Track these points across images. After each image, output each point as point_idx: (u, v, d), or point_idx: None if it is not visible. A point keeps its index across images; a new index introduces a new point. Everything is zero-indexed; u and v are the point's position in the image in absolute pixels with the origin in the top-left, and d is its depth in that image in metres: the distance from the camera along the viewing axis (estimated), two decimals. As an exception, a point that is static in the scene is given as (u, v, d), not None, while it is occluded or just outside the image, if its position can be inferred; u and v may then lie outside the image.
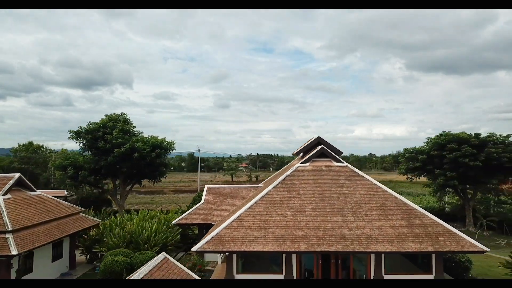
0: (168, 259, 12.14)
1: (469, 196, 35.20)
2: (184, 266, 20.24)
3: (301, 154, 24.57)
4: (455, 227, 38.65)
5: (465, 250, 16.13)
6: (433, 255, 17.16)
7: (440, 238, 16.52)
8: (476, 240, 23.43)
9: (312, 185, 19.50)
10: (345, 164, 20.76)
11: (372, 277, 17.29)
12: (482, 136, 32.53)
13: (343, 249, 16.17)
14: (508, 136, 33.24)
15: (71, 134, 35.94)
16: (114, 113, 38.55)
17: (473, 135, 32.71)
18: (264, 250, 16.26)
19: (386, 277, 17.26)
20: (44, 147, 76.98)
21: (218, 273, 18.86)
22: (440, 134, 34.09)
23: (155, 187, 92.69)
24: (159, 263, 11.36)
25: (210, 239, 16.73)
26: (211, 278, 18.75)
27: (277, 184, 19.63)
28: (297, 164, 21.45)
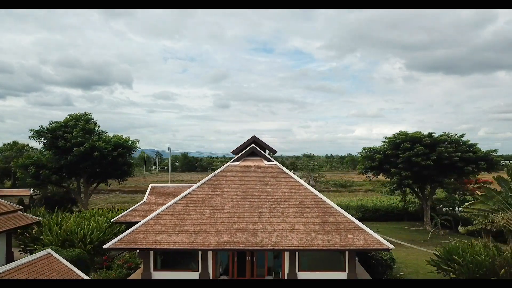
0: (52, 255, 12.36)
1: (427, 195, 35.42)
2: (115, 263, 20.60)
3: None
4: (416, 226, 38.88)
5: (371, 248, 16.36)
6: (346, 253, 17.41)
7: (349, 236, 16.76)
8: (429, 239, 23.87)
9: (238, 184, 19.76)
10: (274, 162, 21.01)
11: (286, 275, 17.54)
12: (435, 135, 32.73)
13: (252, 246, 16.43)
14: (462, 135, 33.47)
15: (32, 133, 36.19)
16: (78, 113, 38.83)
17: (426, 134, 32.93)
18: (174, 247, 16.53)
19: (300, 274, 17.52)
20: (30, 146, 77.25)
21: (140, 270, 19.08)
22: (396, 134, 34.33)
23: (140, 186, 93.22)
24: (35, 258, 11.60)
25: (123, 237, 17.00)
26: (132, 275, 18.99)
27: (203, 183, 19.89)
28: (228, 163, 21.71)
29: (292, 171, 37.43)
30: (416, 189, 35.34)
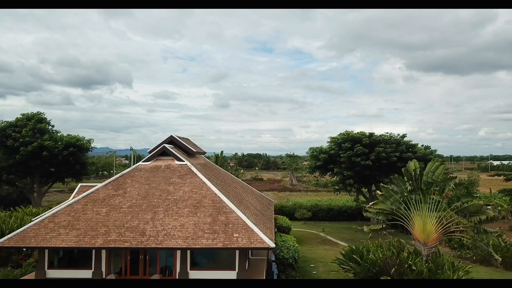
0: None
1: (373, 195, 35.57)
2: (26, 262, 20.82)
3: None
4: (363, 225, 38.98)
5: (252, 246, 16.54)
6: (237, 252, 17.63)
7: (235, 235, 16.95)
8: (369, 238, 24.10)
9: (142, 183, 19.96)
10: (185, 162, 21.20)
11: (177, 273, 17.76)
12: (376, 135, 32.88)
13: (136, 245, 16.63)
14: (403, 136, 33.61)
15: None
16: (32, 112, 39.08)
17: (368, 134, 33.10)
18: (60, 246, 16.74)
19: (191, 272, 17.76)
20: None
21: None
22: (340, 133, 34.51)
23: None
24: None
25: (14, 235, 17.23)
26: (27, 275, 19.24)
27: (108, 182, 20.11)
28: (139, 163, 21.92)
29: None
30: (363, 188, 35.51)
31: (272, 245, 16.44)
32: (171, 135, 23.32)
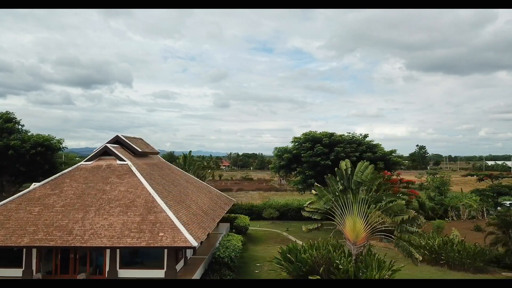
0: None
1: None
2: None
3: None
4: (331, 225, 39.06)
5: (175, 245, 16.68)
6: (165, 251, 17.78)
7: (160, 234, 17.09)
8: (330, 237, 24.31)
9: (80, 183, 20.11)
10: (126, 162, 21.33)
11: (107, 271, 17.91)
12: (336, 135, 32.96)
13: (62, 244, 16.78)
14: (365, 136, 33.72)
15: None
16: (0, 112, 39.24)
17: (328, 134, 33.21)
18: (-14, 244, 16.89)
19: (121, 271, 17.91)
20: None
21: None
22: (303, 133, 34.62)
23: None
24: None
25: None
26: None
27: (47, 182, 20.24)
28: (81, 162, 22.05)
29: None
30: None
31: (195, 244, 16.57)
32: (117, 135, 23.46)
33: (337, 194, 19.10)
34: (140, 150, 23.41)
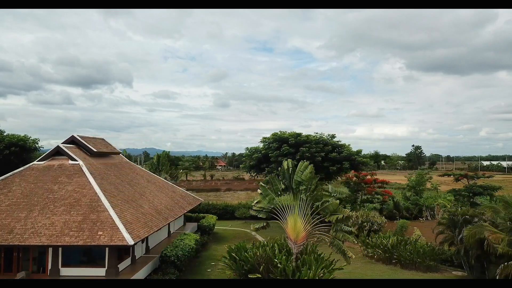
0: None
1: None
2: None
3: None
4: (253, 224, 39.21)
5: (111, 244, 16.91)
6: (107, 249, 18.01)
7: (99, 233, 17.33)
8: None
9: (30, 183, 20.34)
10: (78, 162, 21.56)
11: (49, 269, 18.15)
12: (302, 135, 33.14)
13: (0, 243, 17.02)
14: (333, 136, 33.92)
15: None
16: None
17: (296, 133, 33.40)
18: None
19: (63, 269, 18.14)
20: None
21: None
22: (273, 133, 34.82)
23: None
24: None
25: None
26: None
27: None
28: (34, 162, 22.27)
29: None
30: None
31: (131, 242, 16.80)
32: (73, 135, 23.70)
33: (279, 193, 19.30)
34: (95, 150, 23.62)
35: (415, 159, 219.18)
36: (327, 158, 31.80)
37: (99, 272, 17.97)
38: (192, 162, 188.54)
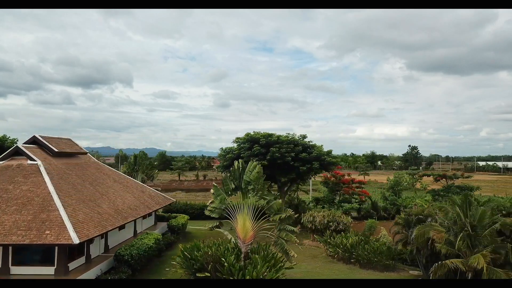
0: None
1: (278, 194, 36.10)
2: None
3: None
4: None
5: (56, 243, 17.14)
6: (56, 248, 18.22)
7: (46, 232, 17.55)
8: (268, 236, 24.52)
9: (-14, 182, 20.56)
10: (36, 162, 21.76)
11: (-1, 268, 18.37)
12: (273, 136, 33.28)
13: (-51, 242, 17.25)
14: (304, 136, 34.10)
15: None
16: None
17: (268, 134, 33.58)
18: None
19: (13, 268, 18.37)
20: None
21: None
22: (246, 133, 34.98)
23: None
24: None
25: None
26: None
27: (-47, 181, 20.69)
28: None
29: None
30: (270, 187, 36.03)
31: (77, 241, 17.02)
32: (34, 135, 23.93)
33: (229, 193, 19.50)
34: (56, 150, 23.83)
35: (411, 159, 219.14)
36: (298, 158, 31.96)
37: (48, 271, 18.18)
38: (187, 162, 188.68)
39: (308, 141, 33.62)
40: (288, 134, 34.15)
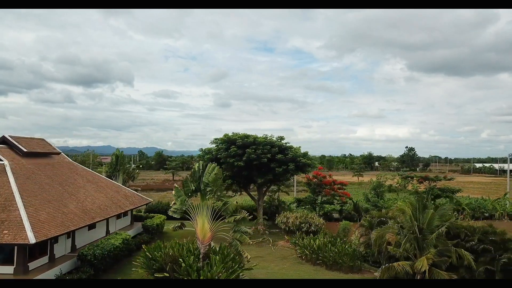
0: None
1: (257, 197, 36.31)
2: None
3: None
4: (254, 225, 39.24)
5: (14, 243, 17.38)
6: (16, 247, 18.43)
7: (4, 231, 17.76)
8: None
9: (-49, 182, 20.76)
10: (2, 162, 21.92)
11: (-40, 268, 18.56)
12: (250, 137, 33.42)
13: None
14: (281, 138, 34.31)
15: None
16: None
17: (245, 135, 33.75)
18: None
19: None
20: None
21: None
22: (225, 134, 35.15)
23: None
24: None
25: None
26: None
27: None
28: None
29: None
30: (251, 187, 36.22)
31: (33, 241, 17.22)
32: (3, 135, 24.13)
33: (189, 194, 19.69)
34: (26, 150, 24.02)
35: (408, 160, 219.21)
36: (274, 159, 32.15)
37: (7, 270, 18.38)
38: (182, 162, 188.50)
39: (285, 143, 33.80)
40: (266, 135, 34.33)
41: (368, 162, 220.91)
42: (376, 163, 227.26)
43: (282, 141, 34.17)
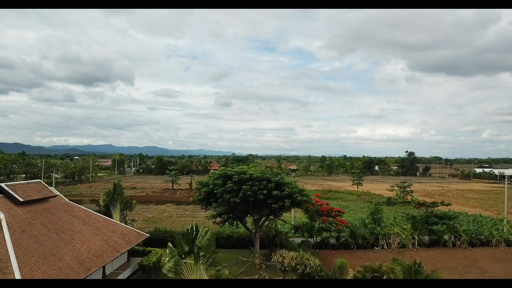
0: None
1: (253, 229, 36.46)
2: None
3: None
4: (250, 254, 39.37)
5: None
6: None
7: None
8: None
9: None
10: (-1, 216, 22.12)
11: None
12: (248, 172, 33.54)
13: None
14: (278, 173, 34.35)
15: None
16: None
17: (241, 170, 33.89)
18: None
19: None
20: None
21: None
22: (221, 168, 35.28)
23: (85, 194, 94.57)
24: None
25: None
26: None
27: None
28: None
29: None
30: (248, 219, 36.35)
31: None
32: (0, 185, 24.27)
33: (183, 256, 19.84)
34: (22, 199, 24.17)
35: (408, 164, 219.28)
36: (271, 195, 32.28)
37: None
38: (183, 166, 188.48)
39: (279, 179, 33.89)
40: (263, 171, 34.46)
41: (368, 166, 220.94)
42: (376, 167, 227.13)
43: (278, 177, 34.25)
